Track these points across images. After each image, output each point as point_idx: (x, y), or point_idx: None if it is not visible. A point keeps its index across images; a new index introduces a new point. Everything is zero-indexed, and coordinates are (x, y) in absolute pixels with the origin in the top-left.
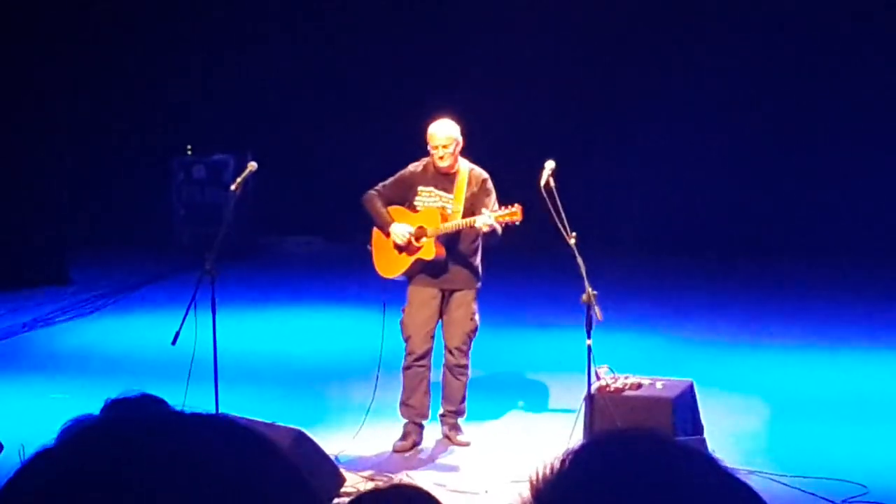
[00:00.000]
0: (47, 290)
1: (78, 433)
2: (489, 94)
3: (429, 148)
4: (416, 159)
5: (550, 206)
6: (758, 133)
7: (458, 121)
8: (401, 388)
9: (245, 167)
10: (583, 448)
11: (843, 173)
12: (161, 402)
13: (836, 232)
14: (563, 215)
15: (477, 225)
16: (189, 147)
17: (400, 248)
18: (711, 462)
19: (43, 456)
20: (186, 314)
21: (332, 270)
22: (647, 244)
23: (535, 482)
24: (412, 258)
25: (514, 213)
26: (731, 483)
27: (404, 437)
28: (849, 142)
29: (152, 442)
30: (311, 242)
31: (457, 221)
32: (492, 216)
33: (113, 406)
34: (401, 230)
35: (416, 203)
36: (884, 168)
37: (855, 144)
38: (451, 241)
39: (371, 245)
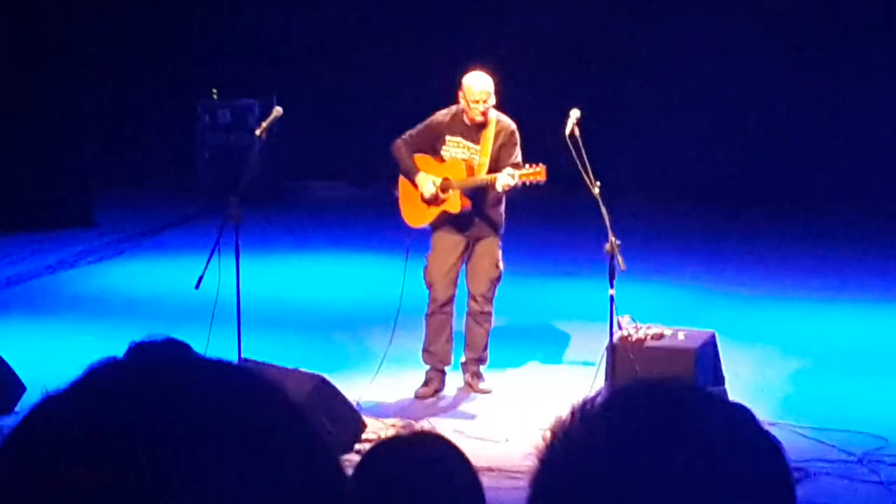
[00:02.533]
0: (72, 231)
1: (94, 376)
2: (518, 41)
3: (462, 99)
4: (445, 105)
5: (575, 154)
6: (796, 85)
7: (488, 69)
8: (423, 335)
9: (271, 112)
10: (605, 396)
11: (873, 127)
12: (186, 346)
13: (869, 185)
14: (587, 164)
15: (497, 186)
16: (215, 91)
17: (426, 199)
18: (736, 409)
19: (56, 397)
20: (210, 258)
21: (357, 215)
22: (673, 195)
23: (555, 429)
24: (438, 209)
25: (538, 172)
26: (754, 432)
27: (426, 383)
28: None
29: (169, 388)
30: (337, 187)
31: (481, 177)
32: (514, 175)
33: (137, 349)
34: (427, 183)
35: (442, 152)
36: None
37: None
38: (476, 192)
39: (398, 191)
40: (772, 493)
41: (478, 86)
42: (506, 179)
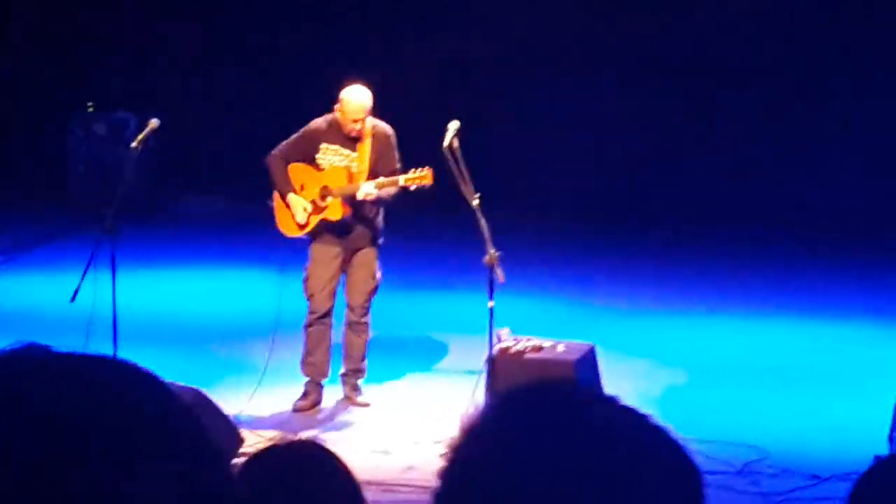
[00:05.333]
0: None
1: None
2: (394, 52)
3: (338, 112)
4: (320, 115)
5: (454, 167)
6: (663, 97)
7: (365, 82)
8: (302, 347)
9: (147, 125)
10: (499, 400)
11: (745, 137)
12: (49, 349)
13: (745, 197)
14: (466, 176)
15: (358, 195)
16: (90, 104)
17: (298, 223)
18: (626, 409)
19: None
20: (86, 271)
21: (233, 230)
22: (554, 209)
23: (454, 438)
24: (317, 217)
25: (425, 176)
26: (646, 425)
27: (304, 395)
28: (744, 102)
29: (45, 380)
30: (213, 201)
31: (357, 185)
32: (373, 186)
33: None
34: (298, 205)
35: (318, 159)
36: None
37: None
38: (355, 200)
39: (273, 202)
40: (681, 488)
41: (354, 102)
42: (367, 189)
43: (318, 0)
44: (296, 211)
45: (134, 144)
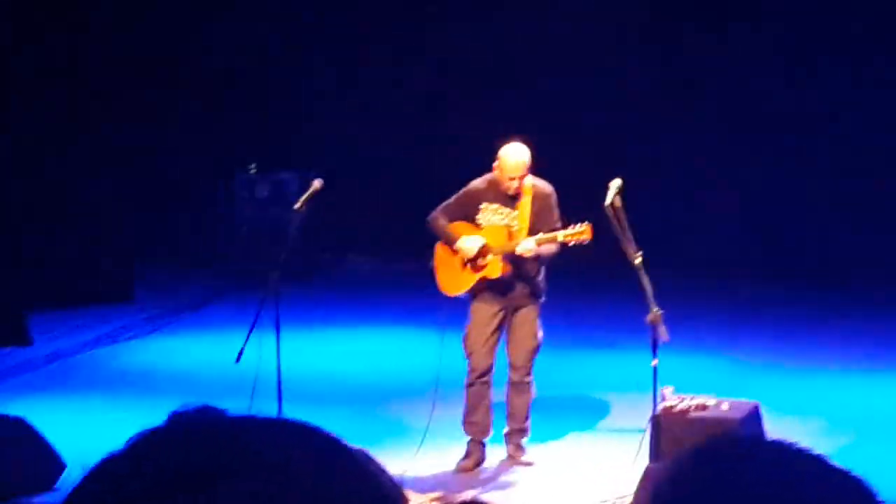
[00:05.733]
0: (112, 307)
1: (145, 438)
2: (558, 110)
3: (497, 170)
4: (480, 175)
5: (616, 224)
6: (834, 157)
7: (525, 140)
8: (463, 406)
9: (309, 185)
10: (695, 453)
11: None
12: (223, 412)
13: None
14: (629, 234)
15: (517, 250)
16: (253, 165)
17: (465, 265)
18: (823, 461)
19: (111, 459)
20: (250, 333)
21: (394, 290)
22: (716, 266)
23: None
24: (477, 275)
25: (583, 231)
26: (845, 478)
27: (467, 455)
28: None
29: (224, 443)
30: (375, 261)
31: (512, 244)
32: (533, 242)
33: (176, 417)
34: (470, 242)
35: (478, 219)
36: None
37: None
38: (515, 258)
39: (434, 262)
40: None
41: (512, 160)
42: (526, 245)
43: (480, 69)
44: (467, 248)
45: (297, 206)
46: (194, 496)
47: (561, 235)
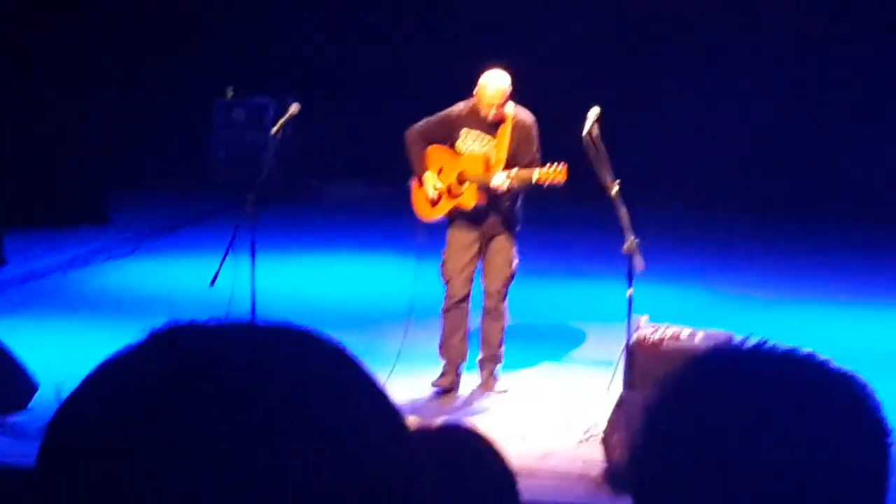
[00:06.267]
0: (86, 229)
1: (147, 342)
2: (538, 39)
3: (476, 97)
4: (461, 100)
5: (592, 154)
6: (811, 90)
7: (505, 66)
8: (440, 331)
9: (286, 110)
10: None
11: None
12: (208, 323)
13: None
14: (606, 164)
15: (491, 185)
16: (230, 89)
17: (430, 200)
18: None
19: (112, 363)
20: (225, 256)
21: (373, 214)
22: (694, 197)
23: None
24: (452, 202)
25: (559, 172)
26: (837, 373)
27: (443, 375)
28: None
29: (230, 345)
30: (353, 185)
31: (488, 175)
32: (505, 178)
33: (157, 333)
34: (430, 181)
35: (458, 144)
36: None
37: None
38: (490, 189)
39: (412, 185)
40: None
41: (492, 87)
42: (498, 180)
43: None
44: (427, 188)
45: (273, 130)
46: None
47: (536, 174)
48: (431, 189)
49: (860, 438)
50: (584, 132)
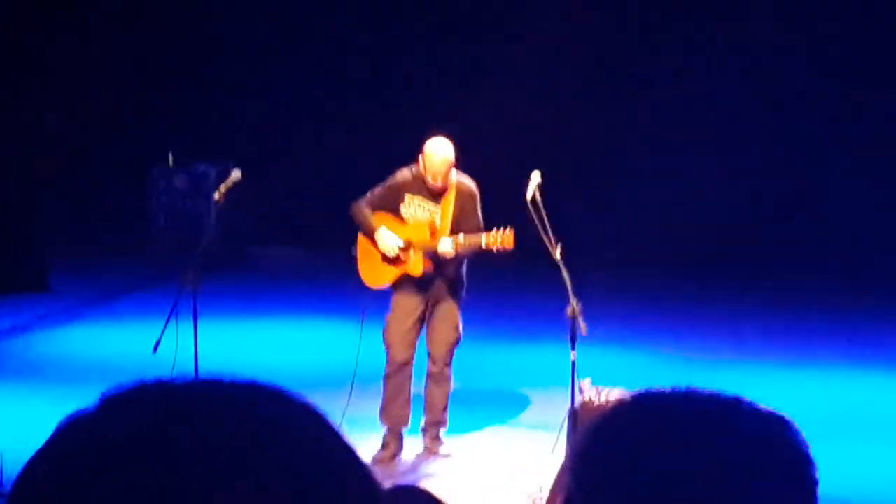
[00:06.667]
0: (26, 297)
1: (110, 400)
2: (477, 104)
3: (422, 165)
4: (404, 165)
5: (536, 218)
6: (756, 149)
7: (447, 134)
8: (381, 397)
9: (227, 176)
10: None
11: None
12: (162, 385)
13: (837, 250)
14: (548, 227)
15: (438, 249)
16: (170, 156)
17: (387, 259)
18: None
19: (78, 420)
20: (167, 323)
21: (315, 280)
22: (634, 260)
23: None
24: (399, 271)
25: (507, 237)
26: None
27: (384, 446)
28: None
29: (200, 401)
30: (295, 252)
31: (434, 242)
32: (451, 245)
33: (110, 399)
34: (389, 241)
35: (402, 211)
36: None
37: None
38: (437, 255)
39: (356, 253)
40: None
41: (438, 156)
42: (444, 247)
43: (394, 59)
44: (385, 245)
45: (216, 197)
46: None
47: (484, 239)
48: (393, 241)
49: (788, 473)
50: (528, 196)
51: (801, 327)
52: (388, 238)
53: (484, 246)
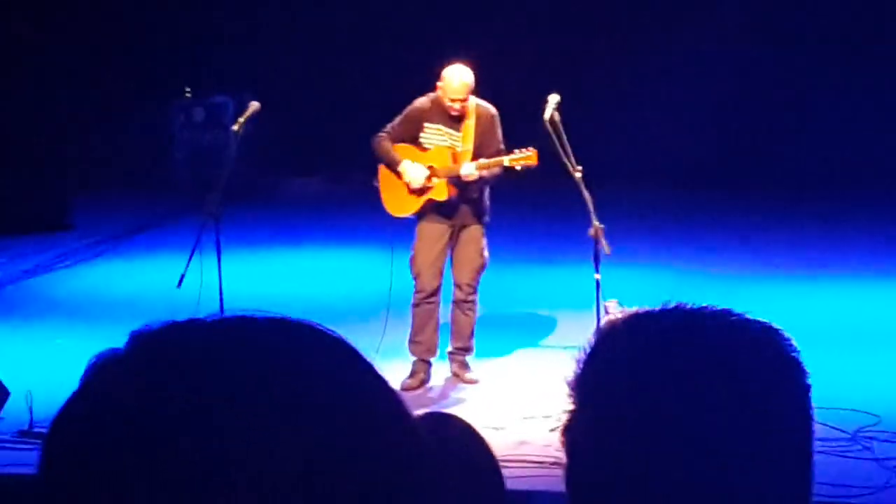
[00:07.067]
0: (49, 235)
1: (142, 340)
2: (495, 27)
3: (440, 91)
4: (422, 94)
5: (556, 140)
6: (769, 67)
7: (466, 60)
8: (410, 326)
9: (245, 108)
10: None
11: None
12: (191, 325)
13: (851, 163)
14: (568, 149)
15: (461, 173)
16: (188, 89)
17: (412, 189)
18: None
19: (110, 362)
20: (191, 257)
21: (337, 210)
22: (656, 177)
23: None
24: (423, 198)
25: (530, 157)
26: (758, 336)
27: (413, 374)
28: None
29: (233, 339)
30: (315, 182)
31: (457, 167)
32: (474, 168)
33: (138, 338)
34: (415, 172)
35: (422, 140)
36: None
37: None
38: (460, 180)
39: (379, 182)
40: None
41: (456, 82)
42: (467, 170)
43: None
44: (410, 177)
45: (234, 128)
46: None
47: (507, 160)
48: (419, 172)
49: (779, 379)
50: (546, 118)
51: (825, 240)
52: (412, 169)
53: (507, 164)
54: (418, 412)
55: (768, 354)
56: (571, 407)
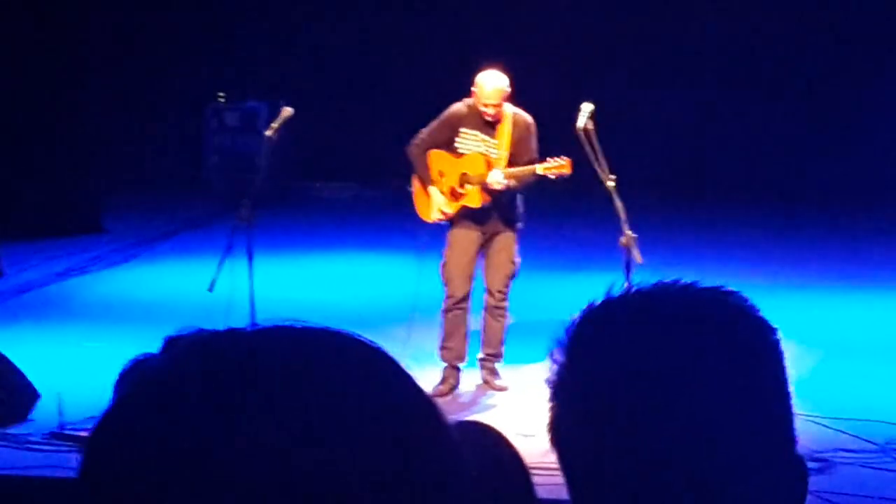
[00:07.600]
0: (81, 238)
1: (177, 346)
2: (530, 36)
3: (474, 96)
4: (456, 100)
5: (588, 148)
6: (799, 79)
7: (502, 67)
8: (440, 332)
9: (278, 113)
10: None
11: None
12: (224, 334)
13: (884, 174)
14: (601, 158)
15: (488, 180)
16: (222, 94)
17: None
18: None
19: (147, 368)
20: (223, 261)
21: (368, 215)
22: (688, 187)
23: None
24: (457, 204)
25: (563, 165)
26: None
27: (443, 381)
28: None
29: (275, 349)
30: (348, 188)
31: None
32: (502, 176)
33: (171, 344)
34: (437, 202)
35: (457, 145)
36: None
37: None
38: (488, 186)
39: (413, 187)
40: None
41: (489, 86)
42: (494, 177)
43: None
44: (435, 205)
45: (268, 133)
46: (224, 420)
47: (540, 169)
48: (436, 212)
49: (758, 343)
50: (579, 126)
51: (856, 251)
52: (437, 199)
53: (540, 171)
54: (449, 419)
55: (739, 319)
56: (553, 403)
